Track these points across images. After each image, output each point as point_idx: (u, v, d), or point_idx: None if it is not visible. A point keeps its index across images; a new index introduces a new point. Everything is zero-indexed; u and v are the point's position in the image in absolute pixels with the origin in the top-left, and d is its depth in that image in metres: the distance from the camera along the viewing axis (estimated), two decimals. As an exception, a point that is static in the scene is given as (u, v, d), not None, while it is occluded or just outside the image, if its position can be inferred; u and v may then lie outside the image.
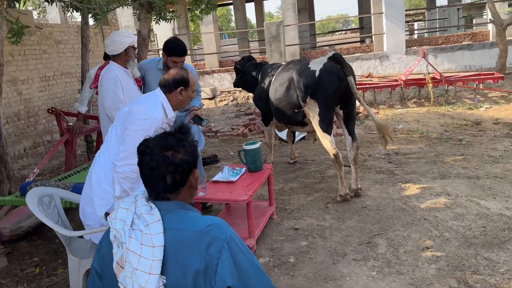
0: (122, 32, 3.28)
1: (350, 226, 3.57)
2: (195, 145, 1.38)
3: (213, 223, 1.27)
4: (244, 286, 1.18)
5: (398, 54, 10.84)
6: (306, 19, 20.50)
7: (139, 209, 1.31)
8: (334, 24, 63.16)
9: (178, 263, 1.23)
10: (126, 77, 3.22)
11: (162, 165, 1.30)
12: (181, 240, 1.25)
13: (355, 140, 4.11)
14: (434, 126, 6.73)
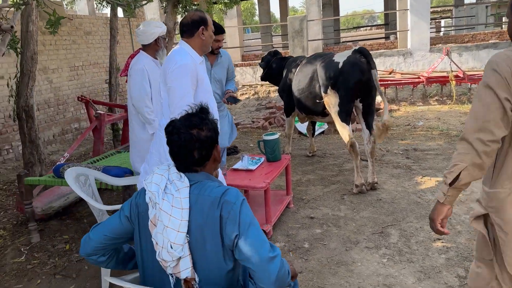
0: (153, 23, 3.44)
1: (364, 217, 3.68)
2: (216, 123, 1.57)
3: (227, 191, 1.47)
4: (245, 234, 1.39)
5: (422, 52, 10.76)
6: (330, 14, 20.41)
7: (172, 176, 1.51)
8: (359, 20, 62.55)
9: (198, 222, 1.43)
10: (155, 68, 3.38)
11: (189, 142, 1.47)
12: (202, 203, 1.44)
13: (372, 134, 4.19)
14: (455, 124, 6.72)
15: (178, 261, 1.42)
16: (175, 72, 2.37)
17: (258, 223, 1.45)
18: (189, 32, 2.47)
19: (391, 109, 8.05)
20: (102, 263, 1.61)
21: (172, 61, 2.41)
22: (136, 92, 3.28)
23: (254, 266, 1.37)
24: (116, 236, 1.57)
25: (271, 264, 1.37)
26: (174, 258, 1.41)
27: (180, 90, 2.38)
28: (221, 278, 1.45)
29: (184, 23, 2.47)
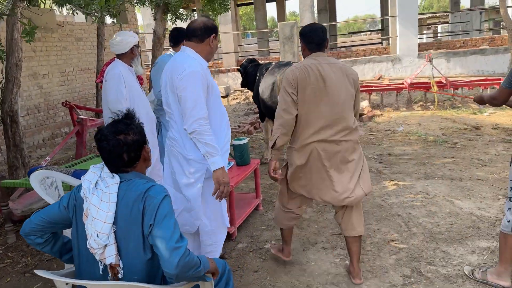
0: (128, 33, 3.58)
1: (327, 219, 3.81)
2: (141, 126, 1.76)
3: (152, 187, 1.66)
4: (158, 224, 1.58)
5: (410, 57, 10.90)
6: (326, 19, 20.59)
7: (104, 174, 1.70)
8: (360, 25, 62.83)
9: (124, 214, 1.63)
10: (130, 75, 3.53)
11: (118, 147, 1.66)
12: (128, 197, 1.64)
13: None
14: (434, 129, 6.85)
15: (104, 248, 1.62)
16: (184, 80, 2.32)
17: (174, 217, 1.63)
18: (200, 37, 2.44)
19: (374, 115, 8.20)
20: (39, 245, 1.79)
21: (179, 68, 2.36)
22: (112, 95, 3.39)
23: (160, 252, 1.56)
24: (52, 221, 1.75)
25: (174, 252, 1.53)
26: (100, 246, 1.60)
27: (192, 99, 2.33)
28: (142, 266, 1.65)
29: (196, 27, 2.43)
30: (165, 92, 2.49)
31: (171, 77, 2.38)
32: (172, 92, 2.39)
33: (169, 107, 2.48)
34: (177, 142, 2.47)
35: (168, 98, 2.46)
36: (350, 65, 11.59)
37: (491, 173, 4.64)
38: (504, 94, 2.57)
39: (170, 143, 2.55)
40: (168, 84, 2.43)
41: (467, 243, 3.17)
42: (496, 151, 5.44)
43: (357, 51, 14.78)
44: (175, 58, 2.48)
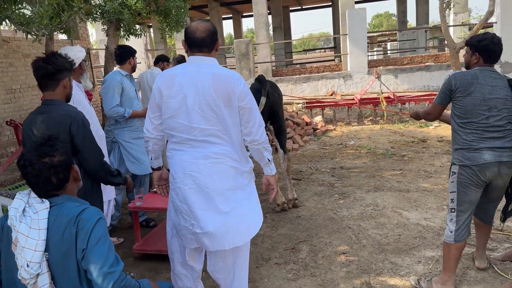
0: (74, 48, 3.49)
1: (281, 234, 3.85)
2: (67, 146, 1.71)
3: (85, 210, 1.61)
4: (92, 249, 1.55)
5: (361, 74, 11.35)
6: (281, 37, 21.08)
7: (31, 200, 1.63)
8: (315, 42, 64.74)
9: (56, 240, 1.57)
10: (78, 92, 3.43)
11: (44, 170, 1.60)
12: (60, 222, 1.58)
13: (286, 153, 4.44)
14: (383, 142, 7.13)
15: (37, 278, 1.54)
16: (246, 91, 2.24)
17: (109, 240, 1.60)
18: (210, 46, 2.25)
19: (327, 129, 8.42)
20: None
21: (231, 79, 2.21)
22: None
23: (93, 277, 1.52)
24: None
25: (108, 276, 1.50)
26: (32, 276, 1.53)
27: (257, 109, 2.33)
28: None
29: (205, 37, 2.22)
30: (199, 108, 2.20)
31: (226, 90, 2.18)
32: (227, 106, 2.20)
33: (210, 124, 2.21)
34: (229, 157, 2.28)
35: (208, 113, 2.20)
36: (303, 81, 11.90)
37: (436, 184, 4.88)
38: (436, 109, 2.74)
39: (214, 160, 2.25)
40: (209, 98, 2.18)
41: (414, 253, 3.30)
42: (441, 162, 5.73)
43: (311, 67, 15.20)
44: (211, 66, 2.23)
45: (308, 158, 6.59)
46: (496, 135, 2.51)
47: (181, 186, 2.30)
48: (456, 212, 2.64)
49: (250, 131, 2.28)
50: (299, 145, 7.36)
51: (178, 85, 2.22)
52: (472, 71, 2.61)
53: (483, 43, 2.60)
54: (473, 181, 2.56)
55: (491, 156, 2.50)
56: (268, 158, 2.39)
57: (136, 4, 6.44)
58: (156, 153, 2.51)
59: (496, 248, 3.29)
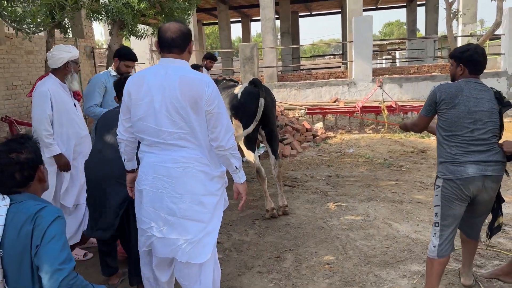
0: (63, 47, 3.48)
1: (268, 242, 3.78)
2: (37, 146, 1.69)
3: (44, 208, 1.59)
4: (45, 245, 1.53)
5: (365, 82, 11.26)
6: (289, 42, 21.06)
7: None
8: (325, 48, 64.72)
9: (11, 238, 1.55)
10: (61, 92, 3.41)
11: (9, 166, 1.58)
12: (18, 219, 1.56)
13: (277, 159, 4.37)
14: (382, 152, 7.04)
15: None
16: (214, 95, 2.17)
17: (65, 239, 1.57)
18: (182, 47, 2.19)
19: (327, 136, 8.35)
20: None
21: (198, 82, 2.15)
22: (36, 114, 3.29)
23: (43, 273, 1.50)
24: None
25: (56, 273, 1.48)
26: None
27: (226, 114, 2.27)
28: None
29: (175, 37, 2.16)
30: (166, 111, 2.14)
31: (193, 95, 2.12)
32: (194, 110, 2.14)
33: (178, 127, 2.16)
34: (198, 161, 2.23)
35: (175, 117, 2.14)
36: (307, 87, 11.84)
37: (430, 196, 4.77)
38: (422, 121, 2.68)
39: (183, 164, 2.20)
40: (176, 101, 2.12)
41: (400, 267, 3.22)
42: (438, 174, 5.63)
43: (317, 74, 15.13)
44: (179, 68, 2.16)
45: (305, 165, 6.52)
46: (480, 149, 2.45)
47: (149, 189, 2.27)
48: (440, 227, 2.57)
49: (216, 136, 2.22)
50: (297, 151, 7.29)
51: (146, 87, 2.19)
52: (457, 83, 2.54)
53: (466, 54, 2.55)
54: (457, 195, 2.49)
55: (475, 170, 2.43)
56: (235, 165, 2.33)
57: (140, 4, 6.44)
58: (129, 155, 2.47)
59: (485, 265, 3.19)
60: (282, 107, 9.83)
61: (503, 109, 2.52)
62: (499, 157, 2.47)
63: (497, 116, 2.50)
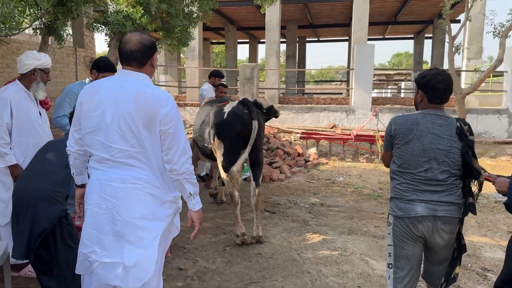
0: (32, 54, 3.36)
1: (234, 271, 3.55)
2: None
3: None
4: None
5: (364, 110, 11.12)
6: (294, 65, 21.11)
7: None
8: (333, 74, 65.15)
9: None
10: (24, 99, 3.26)
11: None
12: None
13: (258, 186, 4.15)
14: (373, 182, 6.82)
15: None
16: (172, 114, 2.03)
17: None
18: (141, 60, 2.07)
19: (320, 162, 8.15)
20: None
21: (159, 100, 2.01)
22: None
23: None
24: None
25: None
26: None
27: (183, 136, 2.09)
28: None
29: (134, 49, 2.05)
30: (118, 126, 2.00)
31: (148, 112, 1.99)
32: (147, 128, 2.00)
33: (129, 145, 2.01)
34: (148, 183, 2.07)
35: (127, 133, 2.00)
36: (306, 111, 11.72)
37: (414, 233, 4.54)
38: (386, 156, 2.52)
39: (131, 185, 2.04)
40: (128, 117, 1.98)
41: (368, 310, 2.98)
42: (426, 210, 5.40)
43: (318, 98, 15.05)
44: (136, 82, 2.04)
45: (291, 190, 6.31)
46: (433, 189, 2.26)
47: (93, 209, 2.09)
48: (393, 269, 2.37)
49: (170, 158, 2.07)
50: (286, 175, 7.09)
51: (99, 99, 2.04)
52: (414, 116, 2.33)
53: (425, 79, 2.31)
54: (407, 234, 2.30)
55: (424, 209, 2.24)
56: (190, 191, 2.16)
57: (141, 18, 6.40)
58: (78, 169, 2.30)
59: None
60: (276, 129, 9.69)
61: (464, 148, 2.26)
62: (454, 199, 2.27)
63: (458, 155, 2.27)
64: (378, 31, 23.84)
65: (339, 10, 17.85)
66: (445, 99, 2.32)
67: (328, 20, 20.23)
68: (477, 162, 2.30)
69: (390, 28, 22.59)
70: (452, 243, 2.34)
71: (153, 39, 2.16)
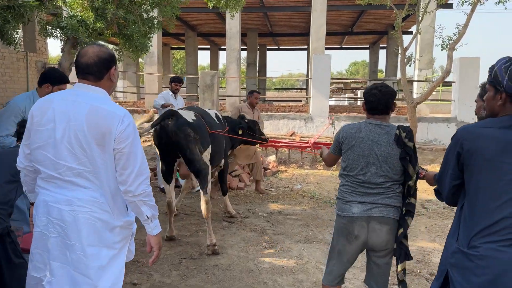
0: None
1: (190, 285, 3.51)
2: None
3: None
4: None
5: (322, 118, 11.35)
6: (254, 73, 21.26)
7: None
8: (294, 82, 66.21)
9: None
10: None
11: None
12: None
13: (204, 194, 4.18)
14: (329, 190, 6.96)
15: None
16: (128, 132, 1.93)
17: None
18: (97, 74, 1.98)
19: (279, 170, 8.23)
20: None
21: (115, 116, 1.92)
22: None
23: None
24: None
25: None
26: None
27: (141, 155, 1.98)
28: None
29: (90, 63, 1.95)
30: (68, 143, 1.91)
31: (92, 125, 1.89)
32: (100, 146, 1.91)
33: (79, 162, 1.92)
34: (97, 206, 1.95)
35: (77, 150, 1.91)
36: (266, 119, 11.82)
37: (368, 240, 4.67)
38: (330, 158, 2.76)
39: (78, 208, 1.93)
40: (80, 133, 1.90)
41: (322, 319, 3.02)
42: (380, 217, 5.57)
43: (278, 106, 15.24)
44: (86, 99, 1.94)
45: (250, 199, 6.33)
46: (370, 191, 2.44)
47: (43, 231, 1.97)
48: (328, 255, 2.66)
49: (125, 179, 1.96)
50: (245, 184, 7.10)
51: (51, 113, 1.94)
52: (358, 124, 2.54)
53: (364, 92, 2.57)
54: (344, 232, 2.52)
55: (360, 210, 2.44)
56: (147, 214, 2.03)
57: (96, 23, 6.23)
58: (30, 186, 2.16)
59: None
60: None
61: (401, 154, 2.41)
62: (390, 201, 2.44)
63: (397, 160, 2.41)
64: (335, 41, 24.52)
65: (298, 19, 18.22)
66: (380, 111, 2.50)
67: (288, 29, 20.59)
68: (416, 167, 2.43)
69: (347, 38, 23.29)
70: (391, 244, 2.48)
71: (112, 52, 2.07)
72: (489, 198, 1.67)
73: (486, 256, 1.62)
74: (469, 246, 1.70)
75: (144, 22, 7.35)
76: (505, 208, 1.63)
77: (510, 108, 1.72)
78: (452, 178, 1.85)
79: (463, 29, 9.16)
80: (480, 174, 1.71)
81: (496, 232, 1.63)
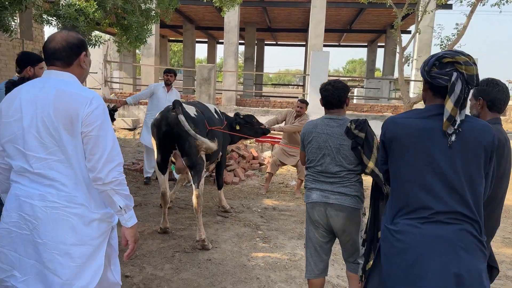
0: None
1: (182, 279, 3.49)
2: None
3: None
4: None
5: (318, 115, 11.30)
6: (252, 68, 21.20)
7: None
8: (291, 78, 66.15)
9: None
10: None
11: None
12: None
13: (196, 189, 4.15)
14: (324, 187, 6.97)
15: None
16: (97, 115, 1.84)
17: None
18: (66, 60, 1.90)
19: (273, 166, 8.22)
20: None
21: (82, 98, 1.83)
22: None
23: None
24: None
25: None
26: None
27: (111, 139, 1.88)
28: None
29: (57, 48, 1.88)
30: (36, 131, 1.83)
31: (59, 109, 1.81)
32: (68, 131, 1.82)
33: (48, 152, 1.83)
34: (71, 201, 1.85)
35: (46, 138, 1.83)
36: (262, 114, 11.80)
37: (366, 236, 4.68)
38: (301, 155, 2.90)
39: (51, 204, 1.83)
40: (47, 119, 1.81)
41: (314, 315, 3.03)
42: (374, 215, 5.58)
43: (275, 102, 15.21)
44: (54, 84, 1.86)
45: (245, 194, 6.32)
46: (327, 180, 2.66)
47: (12, 228, 1.88)
48: (305, 247, 2.87)
49: (93, 165, 1.84)
50: (240, 179, 7.09)
51: (18, 102, 1.86)
52: (315, 121, 2.76)
53: (320, 89, 2.77)
54: (310, 218, 2.75)
55: (318, 197, 2.67)
56: (119, 205, 1.90)
57: (95, 13, 6.15)
58: (4, 185, 2.04)
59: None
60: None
61: (352, 144, 2.58)
62: (346, 190, 2.62)
63: (349, 151, 2.59)
64: (334, 38, 24.48)
65: (297, 15, 18.15)
66: (334, 105, 2.72)
67: (286, 24, 20.51)
68: (371, 157, 2.53)
69: (345, 36, 23.27)
70: (353, 231, 2.65)
71: (82, 37, 1.98)
72: (405, 181, 1.81)
73: (404, 230, 1.79)
74: (391, 223, 1.86)
75: (142, 13, 7.28)
76: (417, 191, 1.76)
77: (430, 96, 1.84)
78: (382, 163, 2.03)
79: (462, 30, 9.17)
80: (398, 160, 1.85)
81: (411, 212, 1.78)
